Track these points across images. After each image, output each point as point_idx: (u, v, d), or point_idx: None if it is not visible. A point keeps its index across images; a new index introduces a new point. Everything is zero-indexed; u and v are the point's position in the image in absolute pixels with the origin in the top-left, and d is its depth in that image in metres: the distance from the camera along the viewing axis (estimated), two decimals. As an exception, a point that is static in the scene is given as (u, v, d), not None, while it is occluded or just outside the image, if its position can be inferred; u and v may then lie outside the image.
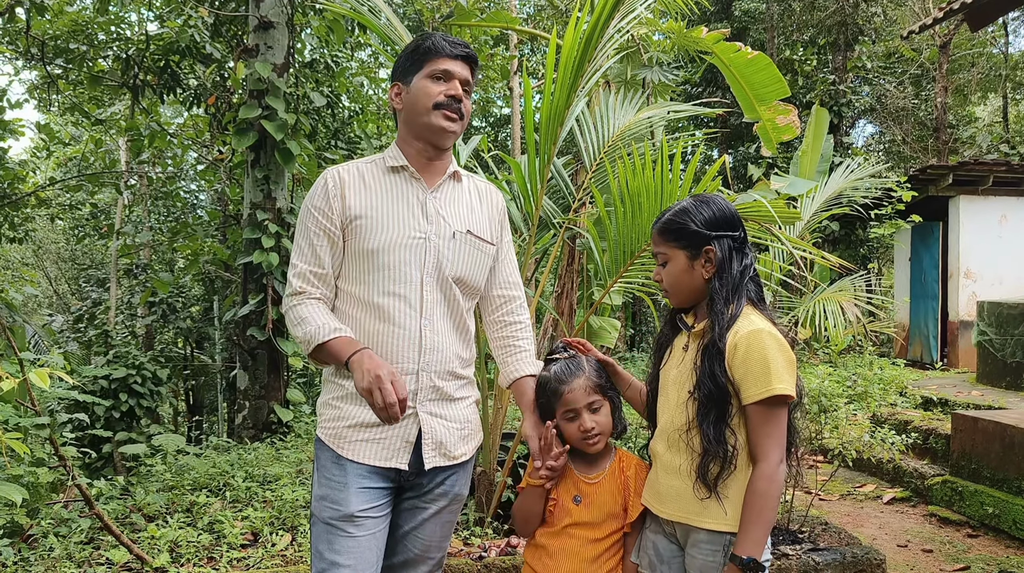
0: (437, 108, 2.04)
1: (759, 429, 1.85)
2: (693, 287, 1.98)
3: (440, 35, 2.10)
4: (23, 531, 3.95)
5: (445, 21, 6.04)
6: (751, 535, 1.82)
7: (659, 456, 2.02)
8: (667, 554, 2.02)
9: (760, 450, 1.85)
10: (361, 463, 2.00)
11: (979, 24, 5.38)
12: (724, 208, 1.99)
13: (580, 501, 2.11)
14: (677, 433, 1.96)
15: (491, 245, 2.20)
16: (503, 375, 2.25)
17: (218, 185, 11.02)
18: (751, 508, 1.83)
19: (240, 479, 4.77)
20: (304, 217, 2.08)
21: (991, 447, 4.80)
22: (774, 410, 1.85)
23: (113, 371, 7.82)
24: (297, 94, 6.99)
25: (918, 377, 8.72)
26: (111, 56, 8.67)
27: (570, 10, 9.41)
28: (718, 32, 5.32)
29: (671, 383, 2.02)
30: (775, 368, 1.82)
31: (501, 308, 2.27)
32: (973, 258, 10.88)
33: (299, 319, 2.01)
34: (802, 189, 7.80)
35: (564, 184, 4.54)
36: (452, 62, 2.07)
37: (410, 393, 2.01)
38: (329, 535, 1.97)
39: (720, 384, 1.86)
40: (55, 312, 17.74)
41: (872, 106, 16.37)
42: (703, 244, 1.95)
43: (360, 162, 2.14)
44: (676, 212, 2.00)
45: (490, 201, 2.25)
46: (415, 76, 2.08)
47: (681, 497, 1.94)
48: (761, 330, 1.87)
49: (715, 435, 1.86)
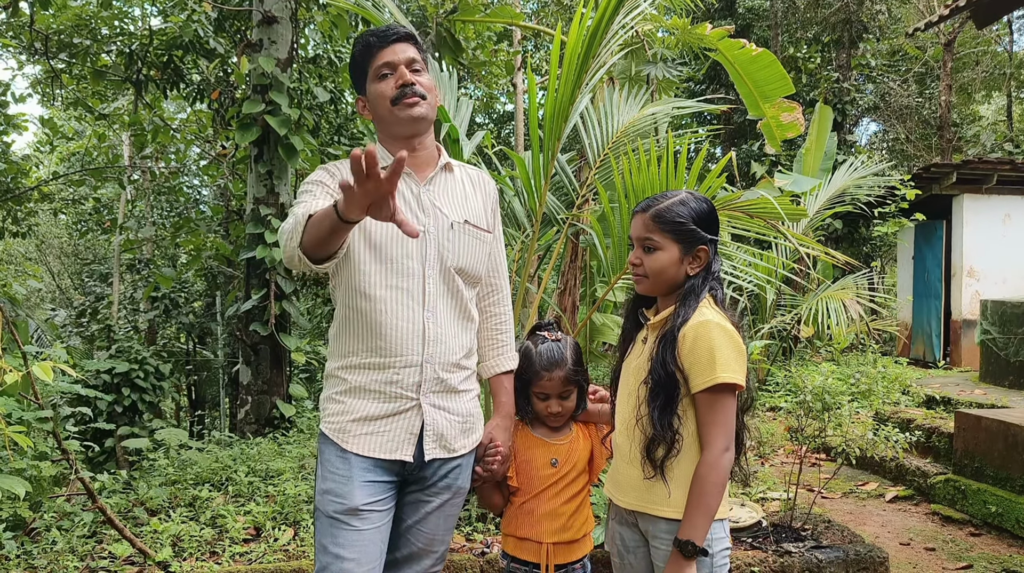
0: (395, 103, 2.04)
1: (705, 417, 1.91)
2: (674, 280, 2.01)
3: (368, 32, 2.10)
4: (26, 524, 3.95)
5: (449, 16, 6.02)
6: (692, 520, 1.87)
7: (618, 446, 2.09)
8: (632, 544, 2.07)
9: (705, 438, 1.91)
10: (365, 456, 2.00)
11: (985, 22, 5.36)
12: (714, 210, 2.05)
13: (557, 463, 2.30)
14: (631, 420, 2.00)
15: (488, 233, 2.21)
16: (483, 367, 2.29)
17: (221, 180, 11.02)
18: (693, 493, 1.89)
19: (242, 474, 4.77)
20: (305, 188, 2.05)
21: (994, 446, 4.80)
22: (720, 398, 1.89)
23: (116, 366, 7.83)
24: (300, 89, 6.98)
25: (921, 376, 8.71)
26: (115, 51, 8.67)
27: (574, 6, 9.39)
28: (722, 29, 5.30)
29: (629, 373, 2.07)
30: (720, 357, 1.87)
31: (488, 298, 2.28)
32: (977, 257, 10.85)
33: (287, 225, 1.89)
34: (806, 187, 7.78)
35: (568, 180, 4.53)
36: (387, 51, 2.07)
37: (414, 385, 2.02)
38: (333, 529, 1.97)
39: (670, 371, 1.91)
40: (58, 307, 17.76)
41: (876, 104, 16.35)
42: (698, 243, 1.99)
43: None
44: (676, 203, 2.01)
45: (483, 189, 2.25)
46: (367, 83, 2.10)
47: (636, 485, 1.99)
48: (709, 321, 1.92)
49: (661, 419, 1.91)
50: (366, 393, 2.02)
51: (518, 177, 4.45)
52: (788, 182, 7.69)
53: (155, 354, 8.57)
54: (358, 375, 2.02)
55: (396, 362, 2.00)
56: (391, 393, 2.01)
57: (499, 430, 2.24)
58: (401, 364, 2.01)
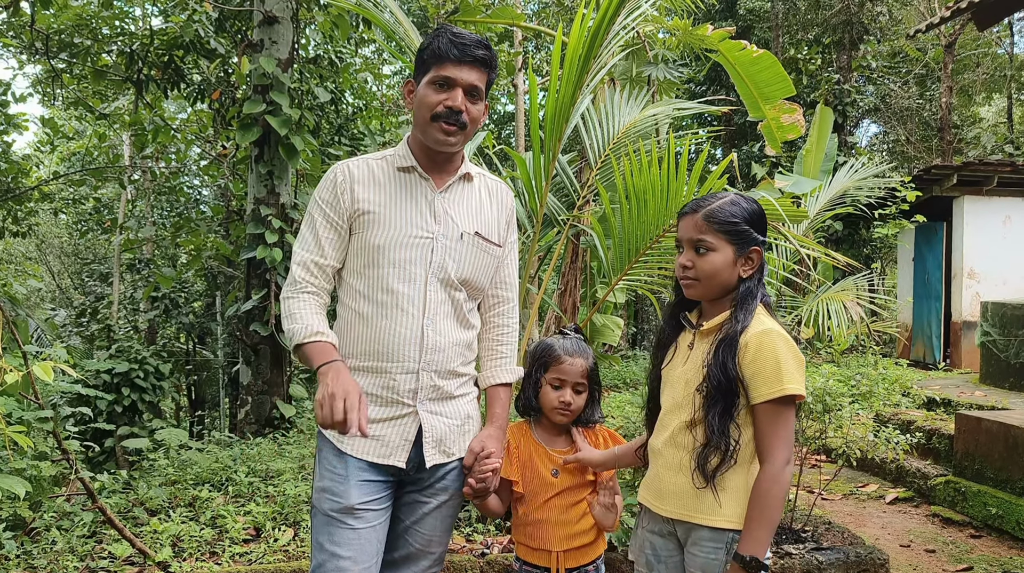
0: (435, 120, 1.99)
1: (767, 429, 1.85)
2: (727, 282, 1.94)
3: (450, 35, 2.00)
4: (26, 524, 3.95)
5: (450, 17, 6.02)
6: (755, 534, 1.82)
7: (660, 454, 2.01)
8: (664, 553, 2.01)
9: (767, 450, 1.85)
10: (361, 458, 2.00)
11: (986, 24, 5.36)
12: (763, 211, 1.99)
13: (558, 474, 2.26)
14: (681, 429, 1.95)
15: (498, 247, 2.18)
16: (481, 377, 2.25)
17: (221, 180, 11.03)
18: (755, 507, 1.83)
19: (242, 474, 4.77)
20: (311, 209, 2.08)
21: (995, 448, 4.79)
22: (783, 410, 1.85)
23: (116, 365, 7.83)
24: (301, 89, 6.98)
25: (921, 377, 8.70)
26: (115, 51, 8.68)
27: (575, 7, 9.39)
28: (724, 30, 5.31)
29: (677, 380, 2.00)
30: (787, 368, 1.83)
31: (493, 308, 2.26)
32: (977, 258, 10.85)
33: (289, 313, 2.01)
34: (806, 188, 7.79)
35: (569, 181, 4.53)
36: (457, 68, 1.98)
37: (410, 391, 2.02)
38: (329, 527, 1.97)
39: (731, 377, 1.85)
40: (58, 306, 17.76)
41: (876, 106, 16.34)
42: (751, 244, 1.93)
43: (370, 158, 2.11)
44: (727, 203, 1.94)
45: (500, 200, 2.22)
46: (422, 79, 2.04)
47: (683, 494, 1.94)
48: (772, 330, 1.87)
49: (719, 427, 1.86)
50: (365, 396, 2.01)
51: (519, 178, 4.44)
52: (789, 183, 7.70)
53: (155, 354, 8.57)
54: (356, 377, 2.01)
55: (393, 368, 2.00)
56: (387, 398, 2.02)
57: (492, 440, 2.13)
58: (398, 370, 2.00)
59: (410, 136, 2.14)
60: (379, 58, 12.49)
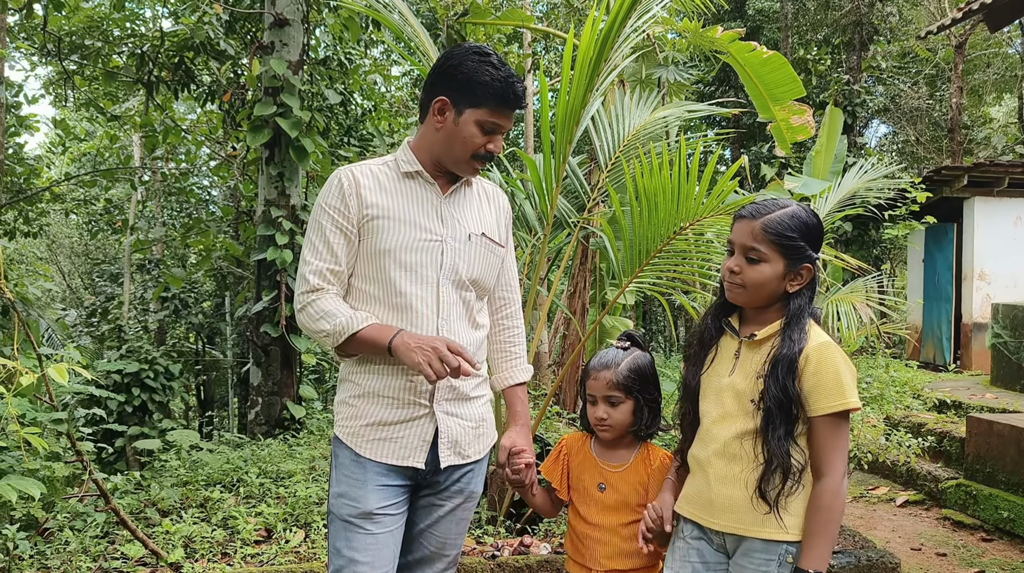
0: (474, 158, 2.04)
1: (826, 442, 1.85)
2: (774, 294, 1.93)
3: (508, 79, 1.98)
4: (39, 525, 3.98)
5: (460, 19, 6.03)
6: (818, 549, 1.82)
7: (709, 465, 1.97)
8: (712, 560, 1.99)
9: (826, 464, 1.85)
10: (379, 462, 2.01)
11: (998, 25, 5.35)
12: (822, 228, 1.97)
13: (604, 488, 2.18)
14: (736, 441, 1.92)
15: (502, 247, 2.23)
16: (496, 379, 2.29)
17: (231, 181, 11.07)
18: (817, 522, 1.83)
19: (254, 475, 4.78)
20: (318, 215, 2.05)
21: (1006, 451, 4.77)
22: (842, 423, 1.85)
23: (126, 366, 7.86)
24: (311, 91, 7.00)
25: (931, 379, 8.67)
26: (126, 52, 8.71)
27: (584, 8, 9.39)
28: (733, 32, 5.30)
29: (724, 390, 1.96)
30: (846, 381, 1.83)
31: (500, 310, 2.29)
32: (988, 260, 10.81)
33: (322, 313, 1.99)
34: (816, 189, 7.76)
35: (579, 183, 4.53)
36: (509, 117, 2.03)
37: (427, 392, 2.03)
38: (347, 532, 1.98)
39: (792, 395, 1.84)
40: (68, 306, 17.86)
41: (886, 106, 16.27)
42: (804, 260, 1.91)
43: (371, 163, 2.11)
44: (787, 216, 1.91)
45: (498, 204, 2.27)
46: (468, 110, 1.99)
47: (737, 508, 1.91)
48: (830, 344, 1.88)
49: (783, 448, 1.84)
50: (380, 398, 2.02)
51: (529, 180, 4.45)
52: (798, 185, 7.68)
53: (165, 354, 8.59)
54: (373, 380, 2.03)
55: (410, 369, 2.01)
56: (405, 399, 2.02)
57: (521, 437, 2.18)
58: (416, 370, 2.01)
59: (413, 142, 2.13)
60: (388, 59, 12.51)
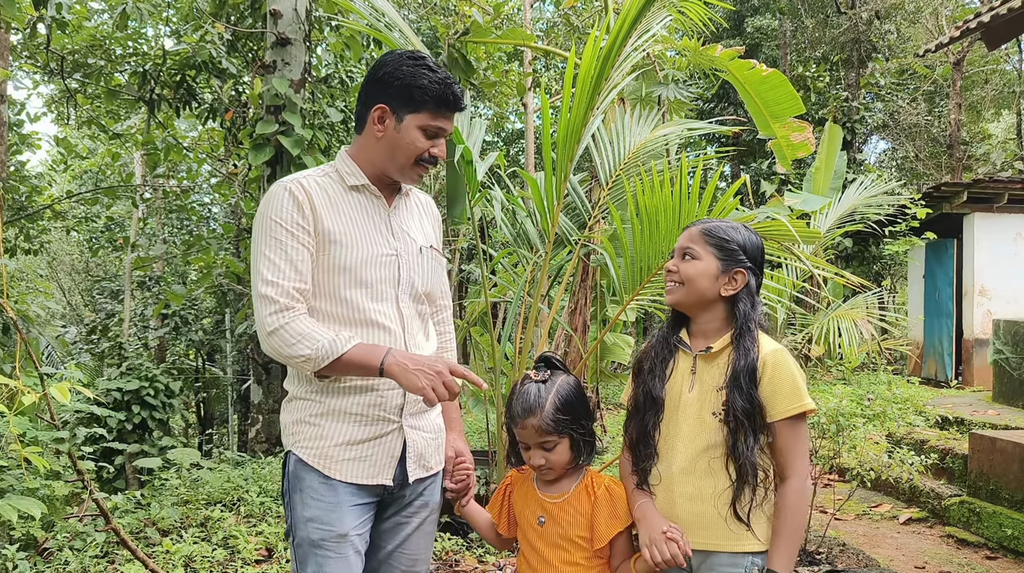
0: (417, 163, 2.00)
1: (788, 444, 1.90)
2: (707, 294, 1.98)
3: (445, 81, 1.95)
4: (38, 544, 3.96)
5: (460, 38, 6.06)
6: (785, 550, 1.86)
7: (674, 482, 1.95)
8: None
9: (789, 466, 1.90)
10: (350, 482, 1.96)
11: (996, 43, 5.38)
12: (763, 248, 2.04)
13: (544, 521, 2.03)
14: (702, 457, 1.93)
15: (444, 257, 2.24)
16: None
17: (232, 199, 11.08)
18: (785, 524, 1.87)
19: (254, 494, 4.77)
20: (272, 230, 1.90)
21: (1010, 468, 4.75)
22: (801, 425, 1.91)
23: (126, 383, 7.84)
24: (313, 109, 7.03)
25: (933, 395, 8.65)
26: (128, 70, 8.77)
27: (584, 27, 9.46)
28: (733, 50, 5.33)
29: (686, 406, 1.97)
30: (801, 385, 1.90)
31: (435, 315, 2.26)
32: (988, 276, 10.81)
33: (299, 335, 1.85)
34: (816, 206, 7.77)
35: (580, 201, 4.54)
36: (449, 119, 2.00)
37: (397, 407, 1.99)
38: (319, 558, 1.92)
39: (756, 403, 1.89)
40: (68, 324, 17.85)
41: (885, 122, 16.35)
42: (737, 264, 1.98)
43: (312, 175, 2.01)
44: (728, 227, 2.02)
45: (432, 213, 2.25)
46: (409, 115, 1.95)
47: (706, 524, 1.91)
48: (783, 349, 1.95)
49: (751, 460, 1.87)
50: (347, 416, 1.96)
51: (530, 198, 4.46)
52: (798, 201, 7.68)
53: (165, 371, 8.58)
54: (337, 398, 1.96)
55: (381, 384, 1.96)
56: (374, 416, 1.97)
57: (460, 443, 2.20)
58: (386, 386, 1.96)
59: (352, 151, 2.05)
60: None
